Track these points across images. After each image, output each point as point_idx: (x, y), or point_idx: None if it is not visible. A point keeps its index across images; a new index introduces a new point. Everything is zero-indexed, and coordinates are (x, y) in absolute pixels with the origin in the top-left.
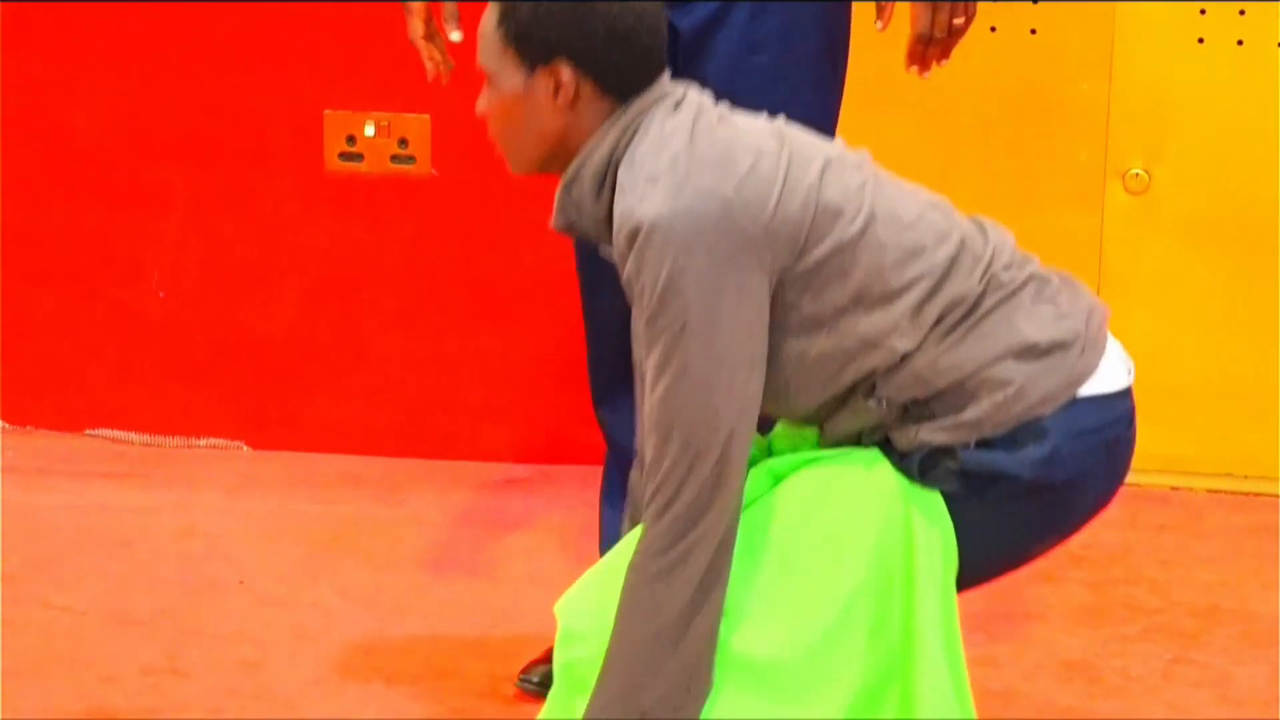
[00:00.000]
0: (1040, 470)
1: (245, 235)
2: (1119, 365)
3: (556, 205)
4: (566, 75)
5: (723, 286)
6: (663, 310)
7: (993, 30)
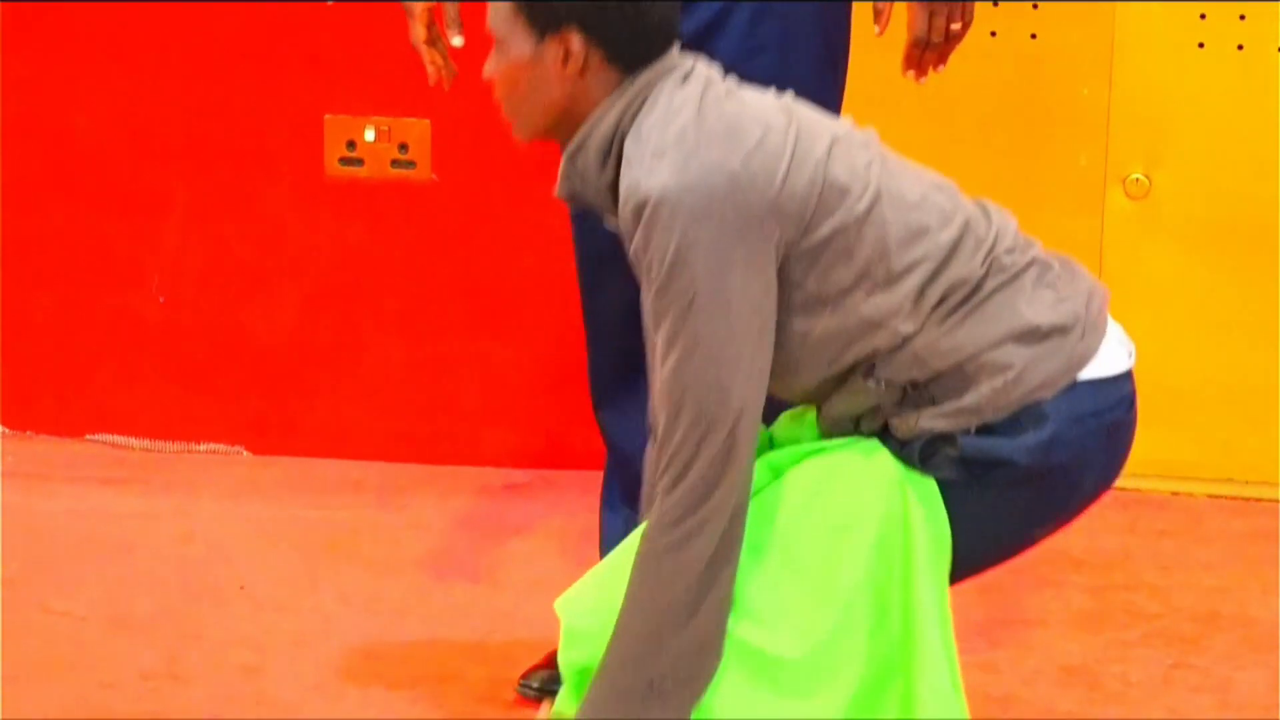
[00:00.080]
0: (1040, 455)
1: (245, 240)
2: (1119, 348)
3: (561, 174)
4: (576, 44)
5: (731, 260)
6: (671, 284)
7: (993, 35)
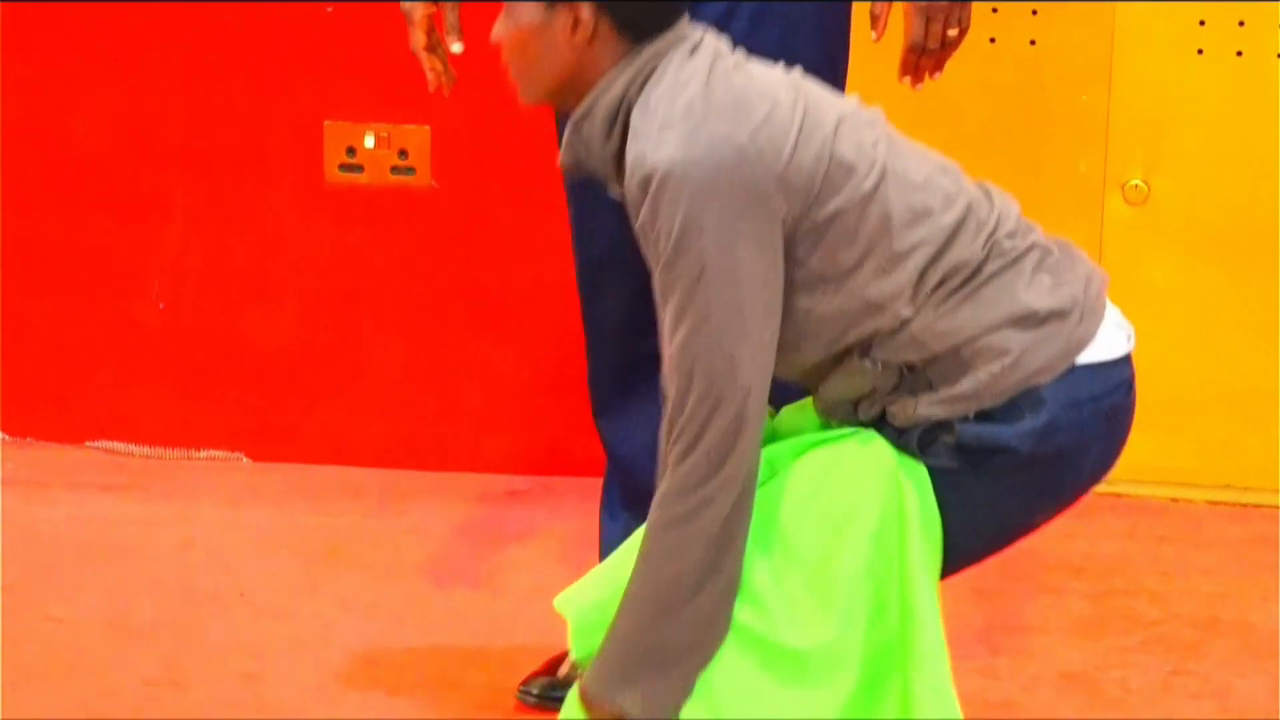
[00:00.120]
0: (1038, 441)
1: (245, 246)
2: (1118, 331)
3: (565, 142)
4: (586, 13)
5: (738, 233)
6: (678, 257)
7: (992, 41)
